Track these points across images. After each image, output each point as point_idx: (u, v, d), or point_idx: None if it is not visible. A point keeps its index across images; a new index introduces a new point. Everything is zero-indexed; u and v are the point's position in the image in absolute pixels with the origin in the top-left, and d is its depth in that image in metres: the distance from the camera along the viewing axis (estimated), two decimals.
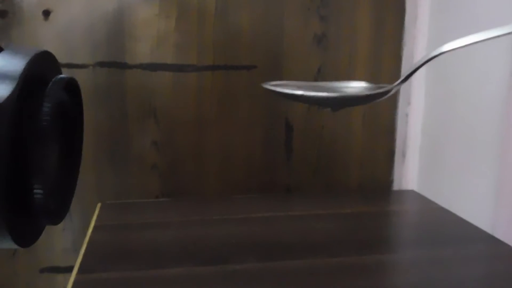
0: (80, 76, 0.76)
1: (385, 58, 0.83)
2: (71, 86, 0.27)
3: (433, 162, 0.80)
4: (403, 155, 0.86)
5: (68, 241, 0.81)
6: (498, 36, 0.28)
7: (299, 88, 0.31)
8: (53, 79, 0.25)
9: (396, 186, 0.87)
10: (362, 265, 0.55)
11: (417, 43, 0.81)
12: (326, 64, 0.82)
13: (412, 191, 0.82)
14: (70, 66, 0.76)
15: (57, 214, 0.26)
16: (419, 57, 0.81)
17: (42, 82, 0.24)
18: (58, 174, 0.26)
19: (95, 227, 0.65)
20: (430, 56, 0.30)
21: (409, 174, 0.85)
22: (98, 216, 0.69)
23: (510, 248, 0.59)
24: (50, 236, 0.81)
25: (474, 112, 0.69)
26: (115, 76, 0.77)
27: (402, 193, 0.83)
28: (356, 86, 0.33)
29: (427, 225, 0.68)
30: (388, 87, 0.31)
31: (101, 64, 0.77)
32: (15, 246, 0.23)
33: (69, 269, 0.81)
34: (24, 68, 0.22)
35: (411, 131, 0.84)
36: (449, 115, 0.75)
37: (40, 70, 0.24)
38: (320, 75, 0.82)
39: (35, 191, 0.22)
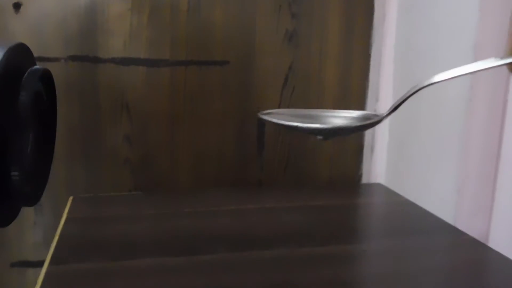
0: (52, 70, 0.74)
1: (355, 56, 0.86)
2: (46, 77, 0.28)
3: (400, 157, 0.83)
4: (372, 150, 0.88)
5: (39, 235, 0.81)
6: (486, 69, 0.30)
7: (293, 118, 0.35)
8: (28, 70, 0.25)
9: (364, 180, 0.89)
10: (329, 255, 0.57)
11: (385, 41, 0.84)
12: (297, 61, 0.84)
13: (379, 184, 0.84)
14: (41, 59, 0.76)
15: (33, 196, 0.26)
16: (387, 56, 0.84)
17: (18, 73, 0.25)
18: (33, 158, 0.27)
19: (67, 220, 0.65)
20: (420, 86, 0.32)
21: (377, 169, 0.87)
22: (70, 209, 0.69)
23: (471, 238, 0.61)
24: (21, 231, 0.80)
25: (438, 111, 0.72)
26: (87, 70, 0.77)
27: (370, 186, 0.86)
28: (347, 116, 0.36)
29: (393, 217, 0.70)
30: (377, 117, 0.34)
31: (73, 58, 0.77)
32: None
33: (40, 264, 0.80)
34: (1, 60, 0.23)
35: (379, 128, 0.87)
36: (415, 113, 0.78)
37: (16, 62, 0.25)
38: (291, 71, 0.84)
39: (12, 174, 0.23)
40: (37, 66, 0.27)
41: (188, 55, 0.80)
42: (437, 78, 0.32)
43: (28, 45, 0.75)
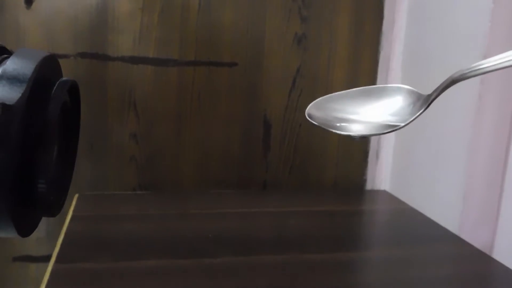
0: (61, 66, 0.76)
1: (363, 61, 0.85)
2: (73, 88, 0.29)
3: (405, 164, 0.83)
4: (377, 156, 0.88)
5: (42, 230, 0.81)
6: None
7: (335, 115, 0.35)
8: (58, 82, 0.26)
9: (369, 186, 0.89)
10: (333, 262, 0.57)
11: (394, 47, 0.84)
12: (306, 64, 0.84)
13: (384, 191, 0.84)
14: None
15: (56, 206, 0.27)
16: (395, 61, 0.84)
17: (47, 84, 0.26)
18: (57, 168, 0.27)
19: (72, 218, 0.65)
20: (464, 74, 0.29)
21: (382, 175, 0.87)
22: (75, 207, 0.69)
23: (474, 249, 0.61)
24: None
25: (446, 119, 0.72)
26: (96, 68, 0.77)
27: (374, 193, 0.86)
28: (392, 102, 0.35)
29: (397, 224, 0.71)
30: (419, 112, 0.33)
31: (83, 55, 0.77)
32: (15, 236, 0.25)
33: (42, 259, 0.81)
34: (33, 71, 0.24)
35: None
36: (422, 120, 0.78)
37: (46, 73, 0.25)
38: (299, 74, 0.84)
39: (39, 185, 0.24)
40: (65, 78, 0.27)
41: (197, 56, 0.80)
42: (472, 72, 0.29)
43: (38, 40, 0.76)
